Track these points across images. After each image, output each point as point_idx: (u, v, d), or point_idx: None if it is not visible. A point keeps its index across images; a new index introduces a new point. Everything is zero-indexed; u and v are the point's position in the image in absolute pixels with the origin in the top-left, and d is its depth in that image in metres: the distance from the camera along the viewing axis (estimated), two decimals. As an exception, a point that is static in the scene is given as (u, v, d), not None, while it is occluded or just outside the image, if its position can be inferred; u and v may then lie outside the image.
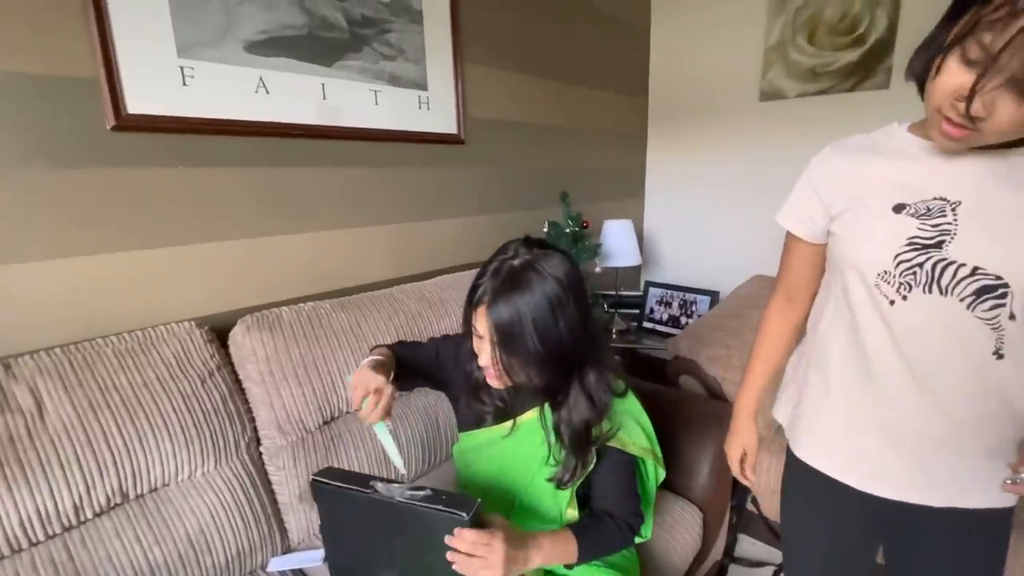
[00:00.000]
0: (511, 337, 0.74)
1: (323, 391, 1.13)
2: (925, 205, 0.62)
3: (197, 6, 1.08)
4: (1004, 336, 0.61)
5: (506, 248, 0.79)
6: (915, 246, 0.62)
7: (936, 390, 0.65)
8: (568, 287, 0.75)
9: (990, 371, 0.62)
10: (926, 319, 0.63)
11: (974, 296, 0.60)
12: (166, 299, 1.11)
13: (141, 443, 0.90)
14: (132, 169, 1.04)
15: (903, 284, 0.63)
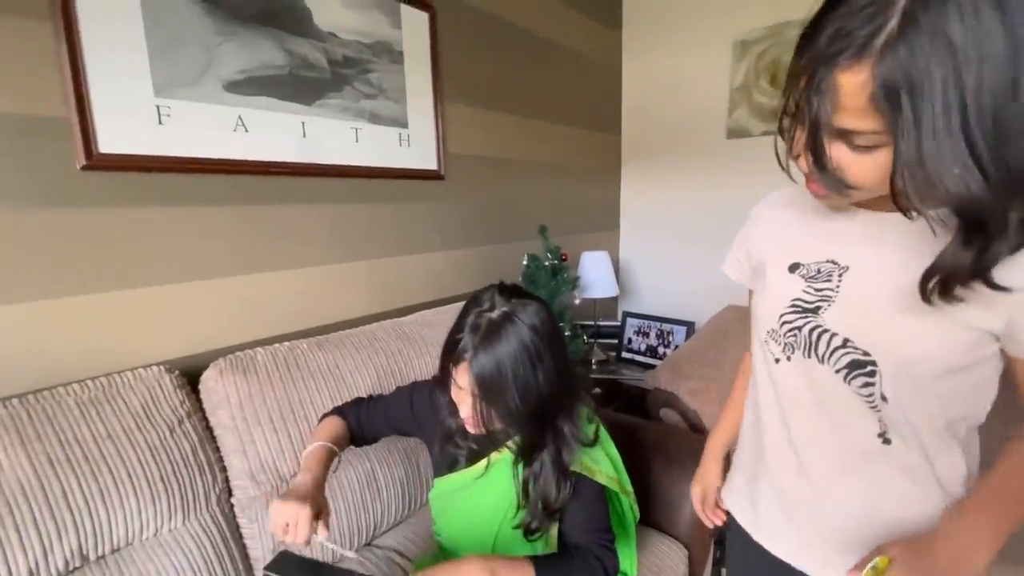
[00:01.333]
0: (492, 390, 0.74)
1: (300, 436, 1.09)
2: (816, 267, 0.60)
3: (176, 46, 1.07)
4: (884, 418, 0.56)
5: (481, 299, 0.79)
6: (796, 308, 0.60)
7: (803, 457, 0.63)
8: (545, 337, 0.76)
9: (874, 456, 0.58)
10: (804, 384, 0.61)
11: (847, 369, 0.56)
12: (134, 343, 1.06)
13: (104, 500, 0.84)
14: (102, 209, 1.01)
15: (788, 344, 0.61)
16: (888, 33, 0.39)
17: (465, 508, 0.91)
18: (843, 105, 0.43)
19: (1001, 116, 0.39)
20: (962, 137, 0.39)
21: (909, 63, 0.39)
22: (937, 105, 0.39)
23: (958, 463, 0.57)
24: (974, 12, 0.37)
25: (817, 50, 0.43)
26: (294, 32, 1.26)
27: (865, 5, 0.40)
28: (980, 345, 0.51)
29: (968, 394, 0.55)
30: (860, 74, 0.41)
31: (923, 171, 0.41)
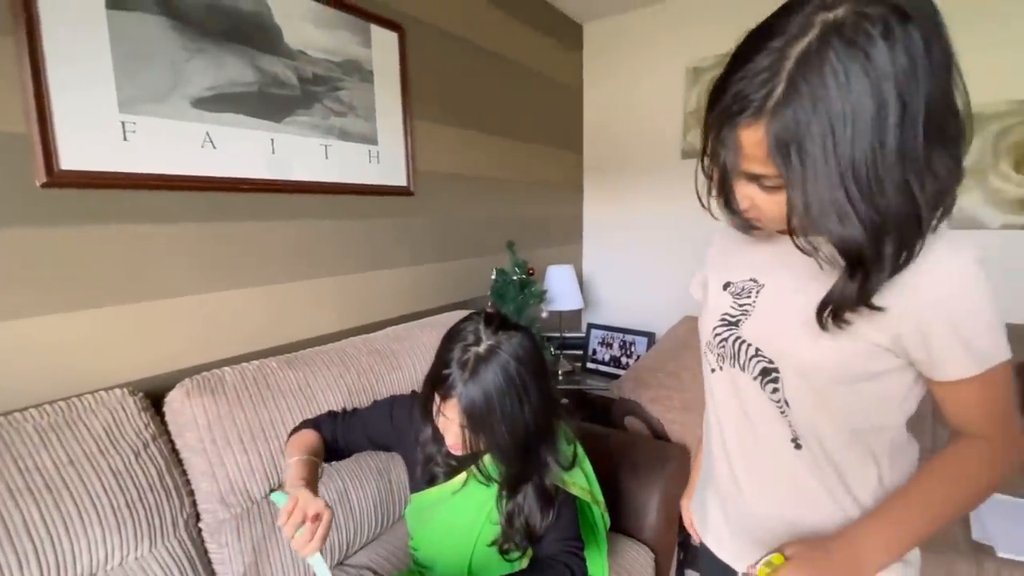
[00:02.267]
0: (481, 424, 0.77)
1: (270, 456, 1.08)
2: (742, 285, 0.66)
3: (143, 62, 1.06)
4: (793, 424, 0.61)
5: (466, 332, 0.80)
6: (724, 322, 0.66)
7: (733, 464, 0.68)
8: (530, 368, 0.79)
9: (788, 461, 0.62)
10: (732, 391, 0.66)
11: (761, 376, 0.61)
12: (95, 364, 1.03)
13: (67, 529, 0.81)
14: (63, 228, 0.98)
15: (719, 355, 0.67)
16: (776, 97, 0.45)
17: (443, 523, 0.92)
18: (747, 155, 0.50)
19: (871, 167, 0.45)
20: (840, 187, 0.45)
21: (794, 123, 0.45)
22: (818, 159, 0.45)
23: (871, 477, 0.61)
24: (846, 78, 0.43)
25: (722, 108, 0.49)
26: (264, 50, 1.27)
27: (759, 72, 0.46)
28: (873, 357, 0.55)
29: (873, 405, 0.58)
30: (758, 131, 0.47)
31: (809, 215, 0.48)
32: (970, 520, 1.35)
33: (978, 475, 0.56)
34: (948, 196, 0.49)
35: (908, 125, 0.44)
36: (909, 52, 0.43)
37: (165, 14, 1.08)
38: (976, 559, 1.24)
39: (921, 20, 0.44)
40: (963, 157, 0.49)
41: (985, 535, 1.28)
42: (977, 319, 0.51)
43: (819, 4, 0.45)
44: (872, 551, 0.56)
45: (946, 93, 0.46)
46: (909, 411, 0.60)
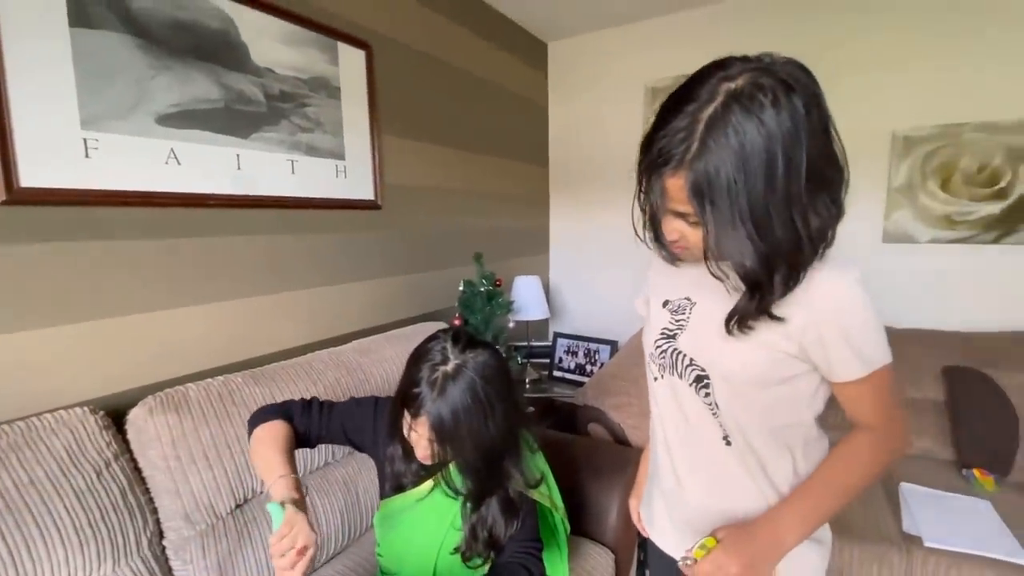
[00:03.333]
0: (449, 438, 0.81)
1: (236, 472, 1.08)
2: (678, 302, 0.74)
3: (106, 80, 1.06)
4: (723, 423, 0.69)
5: (434, 352, 0.83)
6: (664, 335, 0.74)
7: (676, 464, 0.76)
8: (496, 385, 0.83)
9: (720, 457, 0.70)
10: (672, 396, 0.74)
11: (695, 382, 0.69)
12: (54, 383, 1.02)
13: (29, 551, 0.81)
14: (22, 246, 0.97)
15: (661, 365, 0.75)
16: (692, 153, 0.54)
17: (408, 529, 0.95)
18: (672, 198, 0.59)
19: (763, 209, 0.54)
20: (740, 225, 0.55)
21: (705, 173, 0.54)
22: (724, 203, 0.55)
23: (787, 467, 0.69)
24: (744, 137, 0.52)
25: (650, 160, 0.58)
26: (230, 67, 1.28)
27: (678, 131, 0.55)
28: (784, 364, 0.64)
29: (787, 406, 0.67)
30: (679, 180, 0.56)
31: (719, 248, 0.58)
32: (901, 513, 1.46)
33: (868, 460, 0.67)
34: (829, 231, 0.59)
35: (792, 174, 0.53)
36: (792, 117, 0.53)
37: (130, 32, 1.09)
38: (907, 548, 1.34)
39: (802, 91, 0.53)
40: (842, 199, 0.59)
41: (914, 526, 1.39)
42: (862, 329, 0.61)
43: (723, 76, 0.54)
44: (789, 529, 0.66)
45: (823, 148, 0.55)
46: (817, 409, 0.70)
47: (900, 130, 2.04)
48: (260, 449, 0.87)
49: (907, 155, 2.04)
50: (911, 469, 1.69)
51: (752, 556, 0.65)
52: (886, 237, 2.14)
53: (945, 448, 1.76)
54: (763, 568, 0.65)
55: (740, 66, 0.55)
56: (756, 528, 0.67)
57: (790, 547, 0.66)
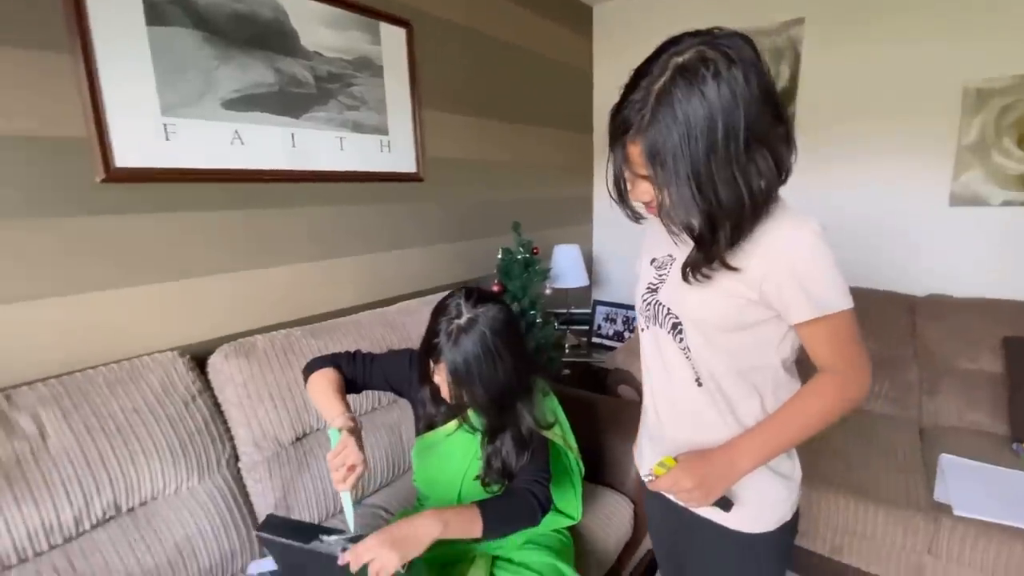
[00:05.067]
0: (463, 383, 0.92)
1: (296, 411, 1.26)
2: (662, 260, 0.80)
3: (179, 72, 1.22)
4: (695, 366, 0.75)
5: (450, 307, 0.94)
6: (649, 289, 0.81)
7: (657, 404, 0.83)
8: (503, 336, 0.92)
9: (692, 396, 0.77)
10: (655, 344, 0.80)
11: (672, 330, 0.76)
12: (149, 331, 1.22)
13: (133, 462, 1.01)
14: (120, 216, 1.16)
15: (647, 317, 0.81)
16: (646, 122, 0.61)
17: (438, 460, 1.08)
18: (633, 162, 0.66)
19: (707, 169, 0.59)
20: (687, 186, 0.60)
21: (656, 140, 0.60)
22: (671, 166, 0.60)
23: (755, 407, 0.75)
24: (688, 102, 0.58)
25: (614, 129, 0.65)
26: (283, 53, 1.41)
27: (635, 103, 0.61)
28: (746, 310, 0.70)
29: (751, 350, 0.73)
30: (637, 146, 0.63)
31: (671, 208, 0.63)
32: (935, 482, 1.44)
33: (826, 401, 0.71)
34: (771, 190, 0.63)
35: (731, 138, 0.58)
36: (731, 87, 0.57)
37: (196, 27, 1.24)
38: (934, 517, 1.34)
39: (742, 63, 0.58)
40: (787, 162, 0.63)
41: (946, 495, 1.37)
42: (814, 274, 0.66)
43: (673, 51, 0.60)
44: (743, 457, 0.73)
45: (760, 113, 0.59)
46: (784, 354, 0.74)
47: (972, 82, 1.88)
48: (318, 390, 1.01)
49: (980, 110, 1.88)
50: (958, 441, 1.64)
51: (705, 475, 0.72)
52: (953, 200, 2.00)
53: (998, 422, 1.68)
54: (715, 487, 0.72)
55: (689, 41, 0.60)
56: (713, 453, 0.74)
57: (742, 472, 0.72)
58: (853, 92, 2.12)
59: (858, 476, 1.49)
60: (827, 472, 1.52)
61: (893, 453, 1.60)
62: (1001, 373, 1.71)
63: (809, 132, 2.24)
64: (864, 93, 2.10)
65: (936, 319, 1.89)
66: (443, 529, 0.83)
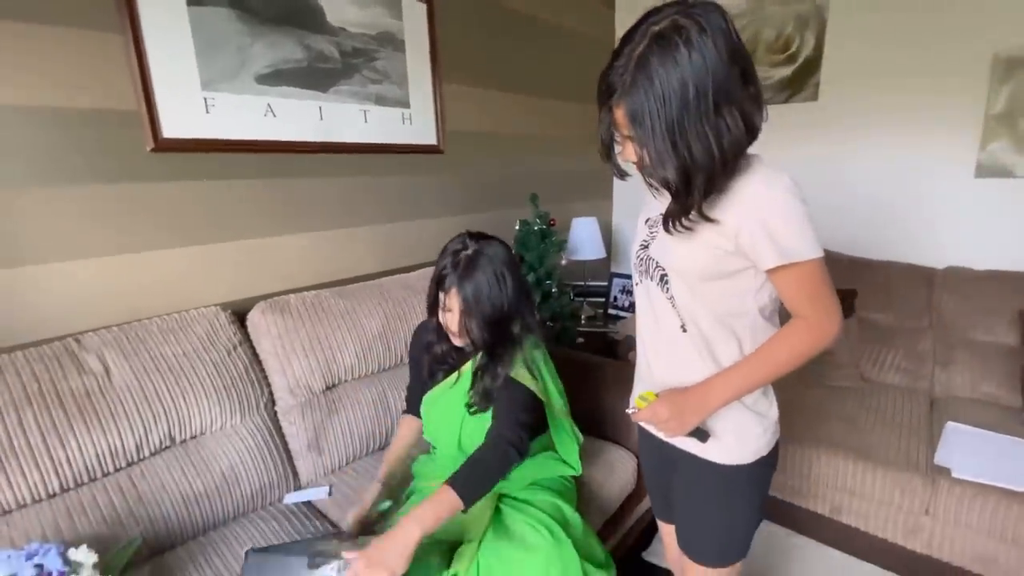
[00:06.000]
0: (474, 305, 1.03)
1: (325, 362, 1.38)
2: (655, 219, 0.85)
3: (217, 48, 1.31)
4: (680, 313, 0.82)
5: (456, 243, 1.07)
6: (642, 246, 0.87)
7: (647, 353, 0.89)
8: (506, 264, 1.05)
9: (677, 341, 0.83)
10: (644, 296, 0.87)
11: (660, 281, 0.82)
12: (195, 287, 1.35)
13: (184, 400, 1.15)
14: (168, 183, 1.28)
15: (640, 271, 0.87)
16: (626, 86, 0.66)
17: (442, 409, 1.18)
18: (619, 123, 0.71)
19: (680, 126, 0.65)
20: (663, 141, 0.66)
21: (635, 102, 0.66)
22: (649, 125, 0.66)
23: (733, 350, 0.81)
24: (663, 72, 0.63)
25: (601, 93, 0.71)
26: (310, 29, 1.49)
27: (619, 68, 0.67)
28: (725, 260, 0.75)
29: (730, 298, 0.78)
30: (620, 108, 0.69)
31: (650, 163, 0.69)
32: (938, 446, 1.47)
33: (795, 343, 0.77)
34: (742, 144, 0.69)
35: (701, 99, 0.64)
36: (702, 53, 0.63)
37: (231, 5, 1.33)
38: (932, 479, 1.37)
39: (713, 31, 0.63)
40: (755, 120, 0.69)
41: (946, 459, 1.40)
42: (781, 223, 0.70)
43: (652, 20, 0.66)
44: (715, 392, 0.80)
45: (728, 75, 0.64)
46: (762, 302, 0.80)
47: (1003, 50, 1.82)
48: None
49: (1009, 78, 1.83)
50: (968, 411, 1.65)
51: (681, 408, 0.79)
52: (979, 171, 1.96)
53: (1012, 394, 1.69)
54: (689, 418, 0.80)
55: (667, 11, 0.65)
56: (689, 389, 0.81)
57: (714, 406, 0.80)
58: (879, 61, 2.08)
59: (862, 439, 1.54)
60: (832, 435, 1.56)
61: (900, 420, 1.63)
62: (1017, 346, 1.70)
63: (833, 101, 2.21)
64: (890, 62, 2.06)
65: (953, 291, 1.88)
66: (422, 527, 0.85)
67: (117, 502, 1.04)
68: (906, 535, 1.43)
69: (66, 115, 1.12)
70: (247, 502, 1.21)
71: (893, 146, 2.12)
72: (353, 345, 1.44)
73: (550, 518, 1.06)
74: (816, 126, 2.27)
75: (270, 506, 1.25)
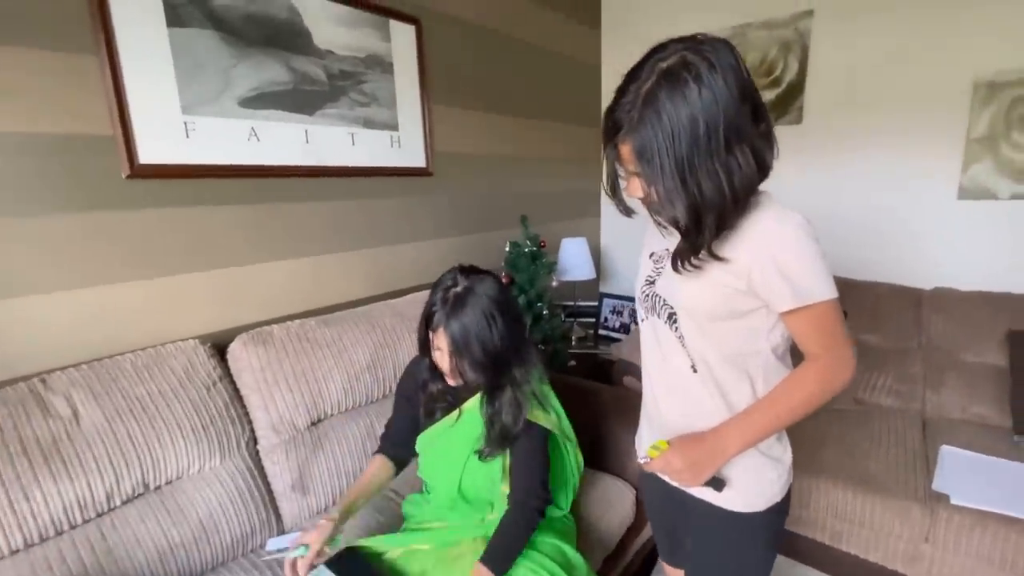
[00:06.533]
0: (463, 346, 0.97)
1: (311, 396, 1.32)
2: (659, 254, 0.84)
3: (197, 71, 1.27)
4: (689, 352, 0.79)
5: (446, 280, 1.02)
6: (648, 282, 0.84)
7: (655, 389, 0.87)
8: (497, 303, 0.99)
9: (687, 381, 0.80)
10: (651, 334, 0.84)
11: (668, 319, 0.80)
12: (173, 320, 1.28)
13: (159, 443, 1.07)
14: (144, 211, 1.22)
15: (645, 308, 0.85)
16: (634, 123, 0.64)
17: (441, 449, 1.13)
18: (625, 159, 0.69)
19: (690, 164, 0.63)
20: (672, 180, 0.64)
21: (644, 139, 0.64)
22: (657, 162, 0.64)
23: (746, 392, 0.78)
24: (673, 109, 0.61)
25: (607, 129, 0.69)
26: (296, 51, 1.46)
27: (625, 104, 0.65)
28: (735, 300, 0.73)
29: (741, 337, 0.76)
30: (627, 145, 0.67)
31: (659, 202, 0.67)
32: (934, 472, 1.46)
33: (810, 387, 0.75)
34: (753, 183, 0.67)
35: (712, 135, 0.62)
36: (712, 90, 0.61)
37: (214, 27, 1.28)
38: (931, 508, 1.36)
39: (723, 68, 0.62)
40: (766, 158, 0.67)
41: (944, 485, 1.39)
42: (796, 264, 0.68)
43: (659, 57, 0.63)
44: (731, 440, 0.76)
45: (739, 112, 0.63)
46: (775, 342, 0.77)
47: (983, 75, 1.87)
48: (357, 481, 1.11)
49: (990, 102, 1.88)
50: (961, 434, 1.65)
51: (695, 457, 0.76)
52: (962, 194, 2.00)
53: (1001, 415, 1.70)
54: (704, 468, 0.76)
55: (674, 47, 0.63)
56: (703, 436, 0.78)
57: (730, 455, 0.76)
58: (862, 85, 2.12)
59: (859, 466, 1.52)
60: (829, 462, 1.55)
61: (895, 444, 1.62)
62: (1006, 366, 1.72)
63: (817, 125, 2.24)
64: (873, 86, 2.10)
65: (942, 312, 1.89)
66: None
67: (86, 557, 0.96)
68: (906, 563, 1.41)
69: (36, 141, 1.06)
70: (227, 551, 1.13)
71: (877, 169, 2.15)
72: (340, 377, 1.38)
73: (553, 562, 1.02)
74: (801, 150, 2.30)
75: (251, 554, 1.17)
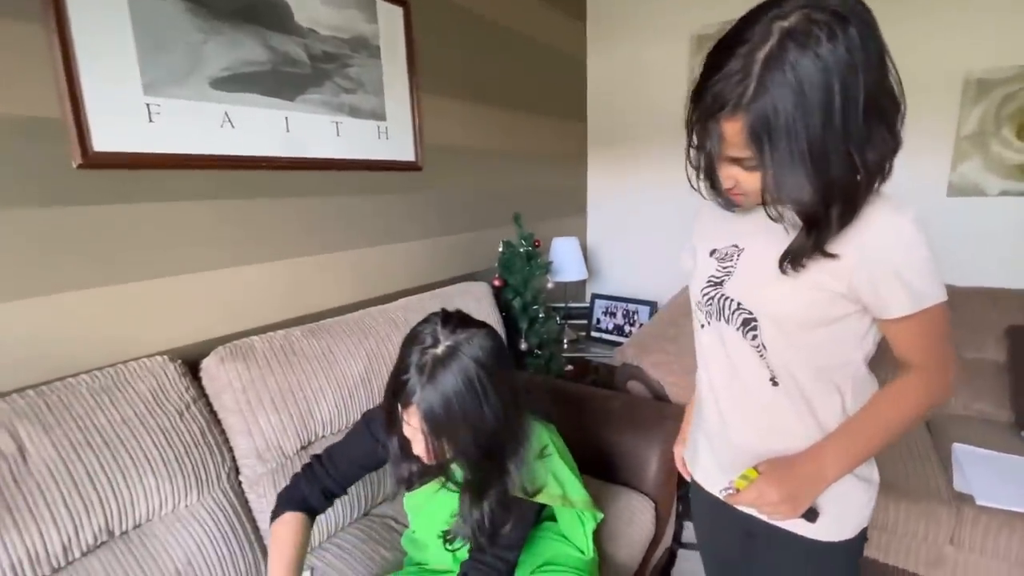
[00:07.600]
0: (443, 429, 0.75)
1: (300, 417, 1.17)
2: (725, 251, 0.74)
3: (163, 47, 1.10)
4: (770, 364, 0.69)
5: (424, 335, 0.77)
6: (711, 283, 0.74)
7: (720, 405, 0.77)
8: (490, 369, 0.76)
9: (766, 397, 0.71)
10: (718, 342, 0.74)
11: (742, 326, 0.70)
12: (136, 333, 1.11)
13: (125, 480, 0.91)
14: (99, 206, 1.04)
15: (707, 312, 0.75)
16: (749, 95, 0.54)
17: (430, 514, 0.97)
18: (729, 143, 0.59)
19: (822, 144, 0.53)
20: (799, 163, 0.54)
21: (764, 115, 0.54)
22: (783, 142, 0.54)
23: (835, 406, 0.69)
24: (802, 74, 0.51)
25: (704, 107, 0.58)
26: (275, 29, 1.30)
27: (733, 74, 0.54)
28: (832, 304, 0.64)
29: (833, 346, 0.67)
30: (736, 123, 0.56)
31: (778, 189, 0.57)
32: (952, 472, 1.43)
33: (914, 399, 0.67)
34: (886, 163, 0.58)
35: (850, 108, 0.52)
36: (848, 49, 0.51)
37: (181, -3, 1.12)
38: (956, 507, 1.33)
39: (857, 23, 0.52)
40: (899, 130, 0.58)
41: (966, 485, 1.36)
42: (914, 265, 0.60)
43: (775, 14, 0.53)
44: (831, 463, 0.67)
45: (880, 79, 0.54)
46: (867, 350, 0.69)
47: (974, 72, 1.88)
48: (272, 553, 0.86)
49: (980, 100, 1.89)
50: (965, 430, 1.64)
51: (793, 486, 0.66)
52: (951, 191, 2.01)
53: (1003, 411, 1.70)
54: (803, 498, 0.67)
55: (792, 4, 0.53)
56: (798, 460, 0.68)
57: (831, 480, 0.67)
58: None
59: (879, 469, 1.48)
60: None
61: (903, 443, 1.59)
62: (1006, 362, 1.73)
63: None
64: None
65: (939, 308, 1.89)
66: None
67: (34, 625, 0.79)
68: (929, 566, 1.38)
69: (-38, 123, 0.88)
70: (208, 601, 0.97)
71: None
72: (331, 393, 1.24)
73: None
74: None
75: (237, 602, 1.02)
